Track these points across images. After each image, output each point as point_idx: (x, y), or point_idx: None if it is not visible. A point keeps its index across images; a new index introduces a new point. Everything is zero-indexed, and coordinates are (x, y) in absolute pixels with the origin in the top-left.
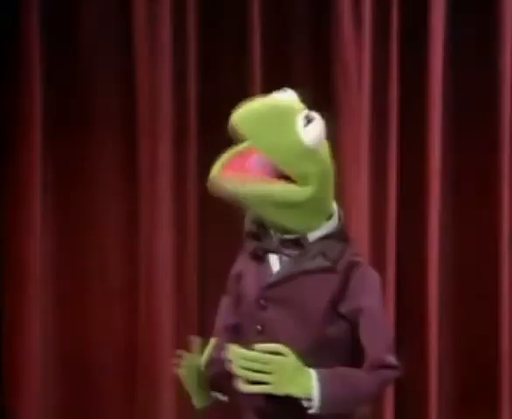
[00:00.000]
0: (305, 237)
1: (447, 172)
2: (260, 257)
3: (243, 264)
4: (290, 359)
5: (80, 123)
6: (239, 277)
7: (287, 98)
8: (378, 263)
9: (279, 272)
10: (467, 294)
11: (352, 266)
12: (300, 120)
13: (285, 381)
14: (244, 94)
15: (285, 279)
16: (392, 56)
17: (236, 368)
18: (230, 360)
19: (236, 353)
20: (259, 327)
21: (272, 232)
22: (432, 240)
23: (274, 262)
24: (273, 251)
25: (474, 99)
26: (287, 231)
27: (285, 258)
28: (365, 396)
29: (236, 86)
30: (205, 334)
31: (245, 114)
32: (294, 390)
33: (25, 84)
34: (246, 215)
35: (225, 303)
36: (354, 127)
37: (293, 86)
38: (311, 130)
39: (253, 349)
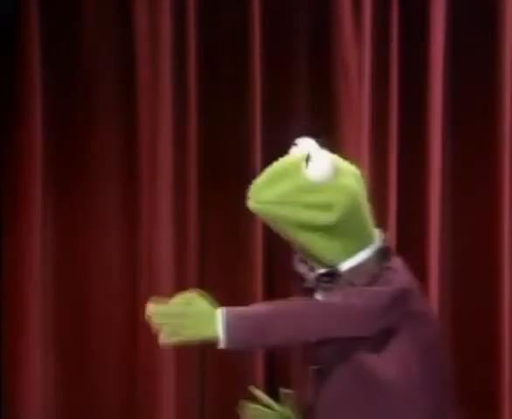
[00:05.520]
0: (336, 269)
1: (447, 172)
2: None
3: None
4: (196, 305)
5: (81, 122)
6: None
7: (292, 153)
8: None
9: None
10: (467, 294)
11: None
12: (302, 164)
13: (193, 327)
14: (244, 94)
15: None
16: (392, 56)
17: (153, 324)
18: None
19: (150, 311)
20: (314, 367)
21: (312, 270)
22: (432, 240)
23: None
24: (314, 288)
25: (475, 98)
26: (321, 263)
27: (324, 294)
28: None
29: (236, 86)
30: None
31: (258, 190)
32: (203, 333)
33: (26, 83)
34: (294, 257)
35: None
36: (354, 127)
37: (293, 87)
38: (313, 166)
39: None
